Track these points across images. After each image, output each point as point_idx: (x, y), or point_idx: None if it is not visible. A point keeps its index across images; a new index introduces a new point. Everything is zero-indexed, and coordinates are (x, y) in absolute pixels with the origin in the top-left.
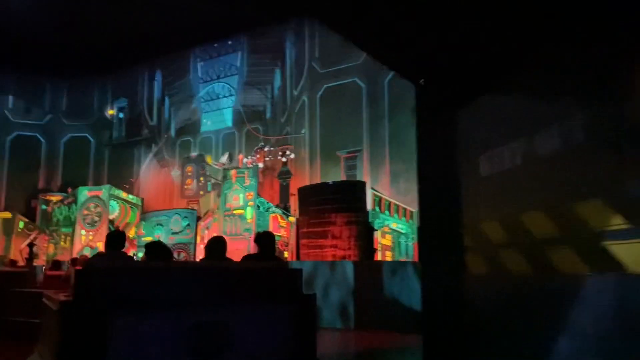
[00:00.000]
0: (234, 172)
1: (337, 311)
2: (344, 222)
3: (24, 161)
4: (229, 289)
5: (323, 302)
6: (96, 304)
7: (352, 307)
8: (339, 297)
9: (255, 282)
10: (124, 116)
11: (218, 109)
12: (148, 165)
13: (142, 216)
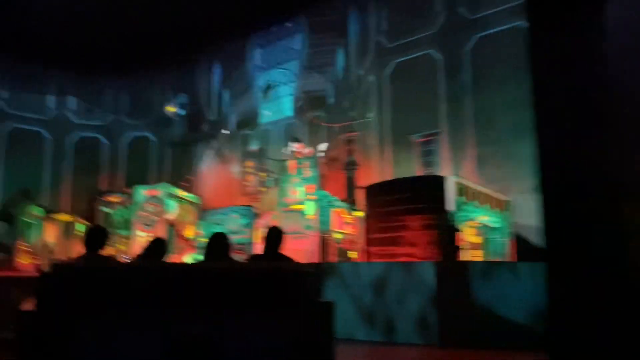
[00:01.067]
0: (292, 163)
1: (416, 323)
2: (421, 226)
3: (87, 163)
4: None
5: (397, 312)
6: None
7: (434, 318)
8: (417, 305)
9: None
10: (185, 113)
11: (277, 97)
12: (209, 162)
13: (200, 215)
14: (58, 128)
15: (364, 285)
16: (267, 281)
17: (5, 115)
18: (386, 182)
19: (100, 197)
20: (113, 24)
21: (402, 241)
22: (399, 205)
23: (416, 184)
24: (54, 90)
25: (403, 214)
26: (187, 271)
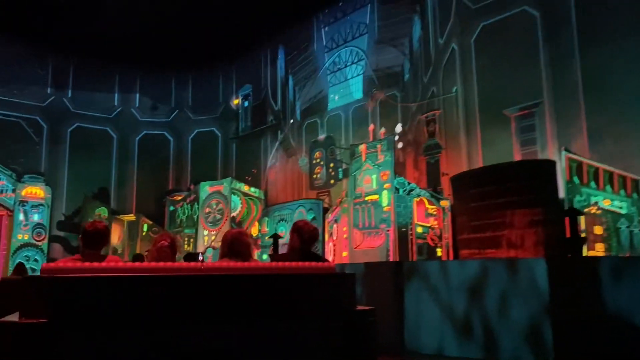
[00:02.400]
0: (363, 146)
1: (524, 336)
2: (526, 223)
3: (153, 161)
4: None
5: (500, 322)
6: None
7: (548, 330)
8: (526, 314)
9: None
10: (249, 104)
11: (346, 79)
12: (274, 155)
13: (264, 211)
14: (123, 126)
15: (455, 288)
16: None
17: (70, 115)
18: (478, 170)
19: (165, 195)
20: (175, 19)
21: (502, 242)
22: (496, 199)
23: (518, 170)
24: (118, 87)
25: (502, 208)
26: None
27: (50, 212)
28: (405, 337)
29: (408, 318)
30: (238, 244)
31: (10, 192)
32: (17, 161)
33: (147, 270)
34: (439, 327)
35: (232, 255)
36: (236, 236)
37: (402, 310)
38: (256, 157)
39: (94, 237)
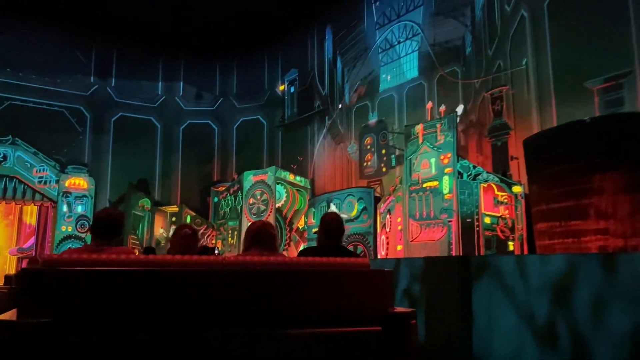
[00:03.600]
0: (420, 127)
1: (627, 346)
2: (619, 187)
3: (197, 151)
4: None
5: (593, 329)
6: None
7: None
8: (628, 322)
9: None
10: (295, 90)
11: (399, 57)
12: (322, 142)
13: (310, 201)
14: (167, 115)
15: (535, 288)
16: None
17: (113, 104)
18: (557, 128)
19: (210, 186)
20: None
21: (591, 211)
22: (579, 160)
23: (606, 125)
24: (162, 76)
25: (588, 172)
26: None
27: (94, 204)
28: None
29: (477, 321)
30: (263, 236)
31: (54, 183)
32: (61, 151)
33: (161, 263)
34: (516, 333)
35: (256, 249)
36: (261, 228)
37: (469, 312)
38: (303, 145)
39: (105, 226)
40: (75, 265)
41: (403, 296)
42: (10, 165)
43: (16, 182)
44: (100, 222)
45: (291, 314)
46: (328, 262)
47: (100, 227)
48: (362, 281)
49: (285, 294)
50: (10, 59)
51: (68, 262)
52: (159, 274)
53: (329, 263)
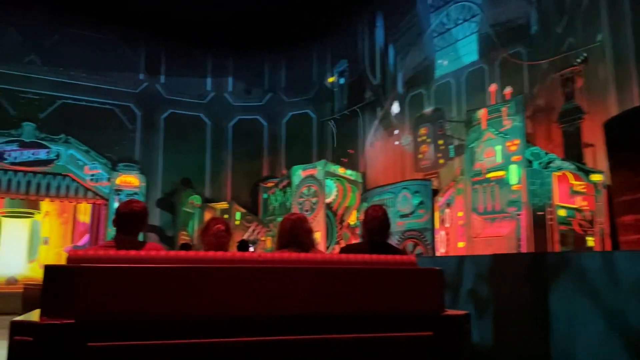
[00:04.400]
0: (483, 112)
1: None
2: None
3: (247, 147)
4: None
5: None
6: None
7: None
8: None
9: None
10: (345, 81)
11: (456, 40)
12: (374, 134)
13: (362, 196)
14: (216, 111)
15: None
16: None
17: (163, 101)
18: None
19: (259, 182)
20: None
21: None
22: None
23: None
24: (211, 72)
25: None
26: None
27: (145, 201)
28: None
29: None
30: (298, 232)
31: (106, 180)
32: (112, 149)
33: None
34: (604, 342)
35: (292, 245)
36: (296, 223)
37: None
38: (354, 138)
39: (129, 220)
40: (102, 263)
41: (468, 298)
42: (64, 163)
43: (69, 180)
44: (124, 216)
45: (332, 316)
46: (371, 260)
47: (124, 221)
48: (410, 281)
49: (324, 294)
50: (62, 59)
51: (93, 259)
52: (190, 271)
53: (371, 261)
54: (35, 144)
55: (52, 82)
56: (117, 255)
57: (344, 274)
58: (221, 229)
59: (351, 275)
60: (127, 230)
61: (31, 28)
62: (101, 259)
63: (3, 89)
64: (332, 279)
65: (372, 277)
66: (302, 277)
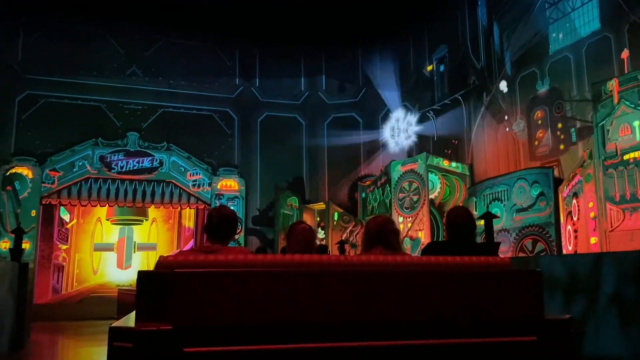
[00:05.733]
0: (614, 83)
1: None
2: None
3: (344, 145)
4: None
5: None
6: (169, 331)
7: None
8: None
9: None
10: (445, 68)
11: (573, 9)
12: (480, 122)
13: (469, 190)
14: (311, 111)
15: None
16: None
17: (259, 104)
18: None
19: (357, 180)
20: None
21: None
22: None
23: None
24: (304, 71)
25: None
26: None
27: (245, 205)
28: None
29: None
30: (385, 233)
31: (207, 185)
32: (212, 154)
33: (279, 264)
34: None
35: (378, 247)
36: (383, 224)
37: None
38: (457, 127)
39: (219, 226)
40: (191, 267)
41: (610, 303)
42: (167, 170)
43: (172, 187)
44: (213, 222)
45: (422, 321)
46: (462, 263)
47: (213, 226)
48: (504, 283)
49: (414, 298)
50: (161, 69)
51: (184, 264)
52: (280, 275)
53: (462, 263)
54: (139, 153)
55: (153, 92)
56: (207, 260)
57: (433, 276)
58: (306, 228)
59: (440, 278)
60: (217, 235)
61: (131, 41)
62: (192, 264)
63: (109, 101)
64: (421, 282)
65: (463, 280)
66: (388, 281)
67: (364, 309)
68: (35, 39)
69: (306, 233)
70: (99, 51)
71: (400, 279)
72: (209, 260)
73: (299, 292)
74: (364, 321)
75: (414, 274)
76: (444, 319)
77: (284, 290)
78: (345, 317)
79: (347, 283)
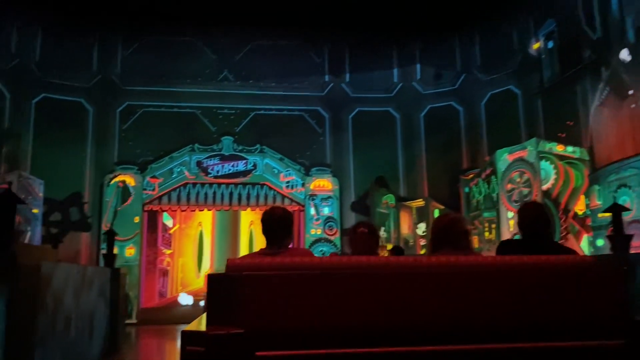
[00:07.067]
0: None
1: None
2: None
3: (441, 137)
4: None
5: None
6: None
7: None
8: None
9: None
10: (555, 44)
11: None
12: (599, 100)
13: (591, 177)
14: (405, 103)
15: None
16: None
17: (349, 100)
18: None
19: (458, 174)
20: None
21: None
22: None
23: None
24: (397, 62)
25: None
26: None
27: (340, 204)
28: None
29: None
30: (454, 232)
31: (300, 186)
32: (304, 154)
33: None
34: None
35: (447, 248)
36: (451, 223)
37: None
38: (571, 108)
39: (272, 227)
40: (259, 270)
41: None
42: (260, 173)
43: (267, 189)
44: (267, 224)
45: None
46: (538, 262)
47: (266, 228)
48: (587, 282)
49: (487, 300)
50: (251, 71)
51: (251, 267)
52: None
53: (538, 262)
54: (234, 157)
55: (245, 96)
56: (273, 263)
57: (506, 277)
58: (364, 232)
59: (514, 279)
60: (273, 237)
61: (222, 46)
62: (259, 266)
63: (203, 107)
64: (498, 284)
65: (540, 280)
66: (458, 283)
67: (433, 313)
68: (132, 52)
69: (364, 237)
70: (192, 59)
71: (471, 280)
72: (275, 262)
73: (367, 295)
74: (434, 325)
75: (485, 275)
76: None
77: (352, 293)
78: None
79: (416, 285)
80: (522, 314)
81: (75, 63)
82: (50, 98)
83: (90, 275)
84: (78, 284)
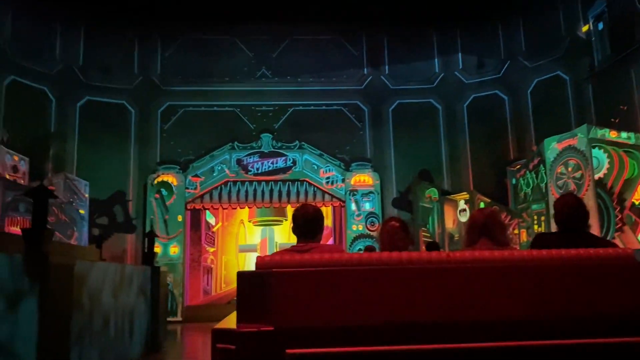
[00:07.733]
0: None
1: None
2: None
3: (486, 128)
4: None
5: None
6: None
7: None
8: None
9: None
10: (605, 25)
11: None
12: None
13: None
14: (447, 93)
15: None
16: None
17: (389, 92)
18: None
19: (505, 166)
20: None
21: None
22: None
23: None
24: (437, 51)
25: None
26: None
27: (381, 200)
28: None
29: None
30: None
31: (340, 182)
32: (344, 150)
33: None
34: None
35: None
36: (488, 217)
37: None
38: (625, 92)
39: (302, 225)
40: (288, 267)
41: None
42: (300, 169)
43: (306, 185)
44: (299, 223)
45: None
46: (576, 255)
47: (298, 226)
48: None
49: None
50: (289, 67)
51: (281, 264)
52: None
53: (577, 256)
54: (273, 154)
55: (283, 92)
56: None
57: (544, 272)
58: (395, 226)
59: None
60: (303, 235)
61: (259, 43)
62: (288, 263)
63: (242, 105)
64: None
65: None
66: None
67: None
68: (171, 52)
69: (392, 230)
70: (229, 57)
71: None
72: (304, 259)
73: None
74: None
75: (523, 270)
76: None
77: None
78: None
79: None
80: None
81: (117, 66)
82: (93, 101)
83: (129, 274)
84: (116, 283)
